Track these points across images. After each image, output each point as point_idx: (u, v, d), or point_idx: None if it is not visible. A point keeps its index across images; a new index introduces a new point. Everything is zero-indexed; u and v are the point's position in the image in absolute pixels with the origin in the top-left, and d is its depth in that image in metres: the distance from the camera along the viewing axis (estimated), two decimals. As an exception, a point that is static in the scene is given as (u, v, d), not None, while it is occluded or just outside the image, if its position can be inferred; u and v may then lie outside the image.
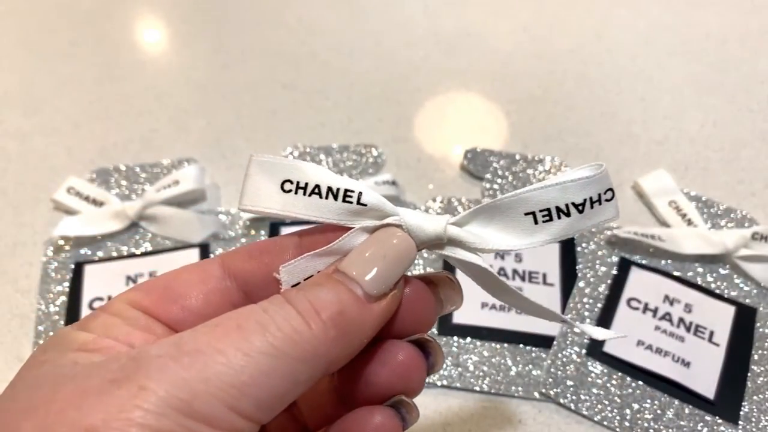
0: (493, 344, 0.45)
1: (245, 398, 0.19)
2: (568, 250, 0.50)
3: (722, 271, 0.49)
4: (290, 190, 0.23)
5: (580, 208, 0.23)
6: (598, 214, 0.23)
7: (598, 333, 0.26)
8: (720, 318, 0.46)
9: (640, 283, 0.48)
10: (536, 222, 0.23)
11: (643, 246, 0.50)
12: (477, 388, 0.44)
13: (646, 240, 0.49)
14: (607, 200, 0.23)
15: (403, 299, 0.24)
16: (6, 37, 0.67)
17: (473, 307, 0.46)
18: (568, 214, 0.23)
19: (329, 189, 0.23)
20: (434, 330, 0.46)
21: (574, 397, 0.43)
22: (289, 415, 0.27)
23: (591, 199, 0.23)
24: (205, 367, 0.18)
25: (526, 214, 0.23)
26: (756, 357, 0.45)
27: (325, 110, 0.61)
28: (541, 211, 0.23)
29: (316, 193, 0.23)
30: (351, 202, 0.23)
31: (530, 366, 0.45)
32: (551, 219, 0.23)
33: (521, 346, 0.45)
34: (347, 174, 0.54)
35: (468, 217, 0.24)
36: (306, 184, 0.23)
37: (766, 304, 0.47)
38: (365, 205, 0.23)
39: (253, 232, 0.51)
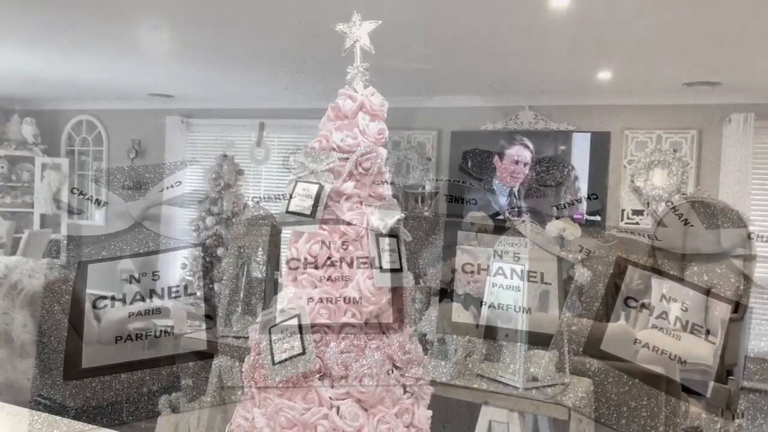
0: (492, 342, 0.46)
1: None
2: (566, 249, 0.50)
3: (718, 270, 0.50)
4: None
5: None
6: None
7: None
8: (716, 316, 0.47)
9: (637, 282, 0.48)
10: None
11: (640, 246, 0.50)
12: (476, 386, 0.44)
13: (644, 240, 0.49)
14: None
15: None
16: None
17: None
18: None
19: None
20: (434, 328, 0.46)
21: (572, 395, 0.43)
22: None
23: None
24: None
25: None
26: (752, 355, 0.45)
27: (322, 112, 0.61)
28: None
29: None
30: None
31: (529, 363, 0.45)
32: None
33: (519, 344, 0.46)
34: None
35: None
36: None
37: (761, 302, 0.48)
38: None
39: (254, 232, 0.52)
